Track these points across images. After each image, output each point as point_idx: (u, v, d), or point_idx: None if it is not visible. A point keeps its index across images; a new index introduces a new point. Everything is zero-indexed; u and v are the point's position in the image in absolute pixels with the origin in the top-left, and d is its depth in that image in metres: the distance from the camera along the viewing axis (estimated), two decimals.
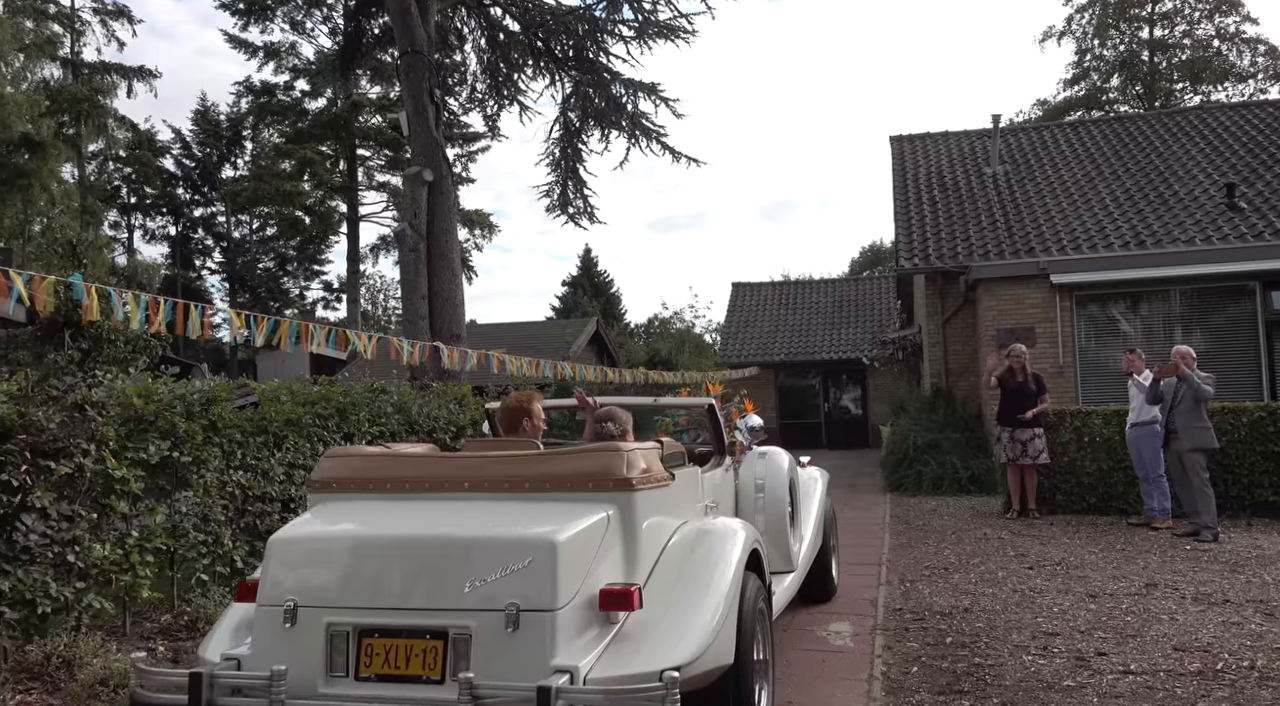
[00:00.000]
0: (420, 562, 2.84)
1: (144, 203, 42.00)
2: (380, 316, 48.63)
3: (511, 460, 3.26)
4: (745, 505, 4.91)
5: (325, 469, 3.47)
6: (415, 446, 3.90)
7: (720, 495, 4.51)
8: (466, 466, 3.31)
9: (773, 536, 4.81)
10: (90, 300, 4.38)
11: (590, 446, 3.38)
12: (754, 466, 5.05)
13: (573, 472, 3.14)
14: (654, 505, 3.23)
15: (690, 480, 3.86)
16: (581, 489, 3.10)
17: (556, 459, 3.26)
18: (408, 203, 13.07)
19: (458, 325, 12.81)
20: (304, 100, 36.45)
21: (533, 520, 2.92)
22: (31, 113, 30.23)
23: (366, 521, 3.15)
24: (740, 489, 4.95)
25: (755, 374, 24.04)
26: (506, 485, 3.16)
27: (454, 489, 3.24)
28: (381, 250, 40.62)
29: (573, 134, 15.88)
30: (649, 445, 3.45)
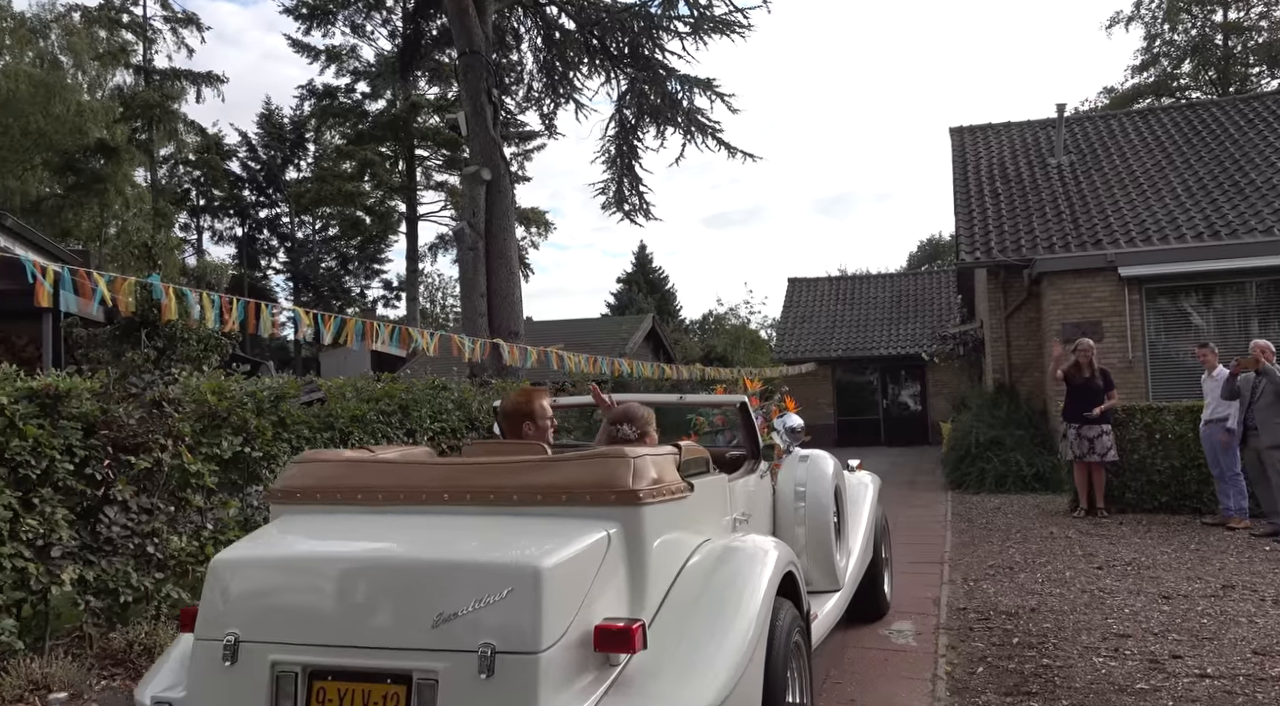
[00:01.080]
0: (382, 591, 2.40)
1: (212, 205, 43.20)
2: (439, 314, 49.36)
3: (500, 468, 2.80)
4: (784, 516, 4.40)
5: (288, 476, 2.99)
6: (406, 449, 3.42)
7: (754, 505, 4.03)
8: (448, 475, 2.83)
9: (815, 551, 4.34)
10: (168, 300, 4.54)
11: (590, 452, 2.84)
12: (794, 472, 4.51)
13: (568, 483, 2.66)
14: (667, 521, 2.77)
15: (714, 490, 3.39)
16: (578, 502, 2.63)
17: (550, 467, 2.76)
18: (466, 202, 13.25)
19: (515, 322, 12.95)
20: (364, 102, 37.14)
21: (516, 541, 2.47)
22: (106, 119, 31.38)
23: (326, 539, 2.73)
24: (778, 498, 4.44)
25: (812, 370, 23.84)
26: (491, 497, 2.71)
27: (433, 501, 2.77)
28: (440, 249, 41.21)
29: (628, 131, 15.93)
30: (662, 450, 2.98)
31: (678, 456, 3.01)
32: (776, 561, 2.99)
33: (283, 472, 3.05)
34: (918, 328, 25.13)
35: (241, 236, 45.32)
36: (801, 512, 4.41)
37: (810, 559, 4.29)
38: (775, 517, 4.38)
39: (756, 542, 3.13)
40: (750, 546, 3.07)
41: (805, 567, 4.03)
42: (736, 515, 3.62)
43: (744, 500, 3.81)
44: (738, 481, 3.80)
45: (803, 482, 4.48)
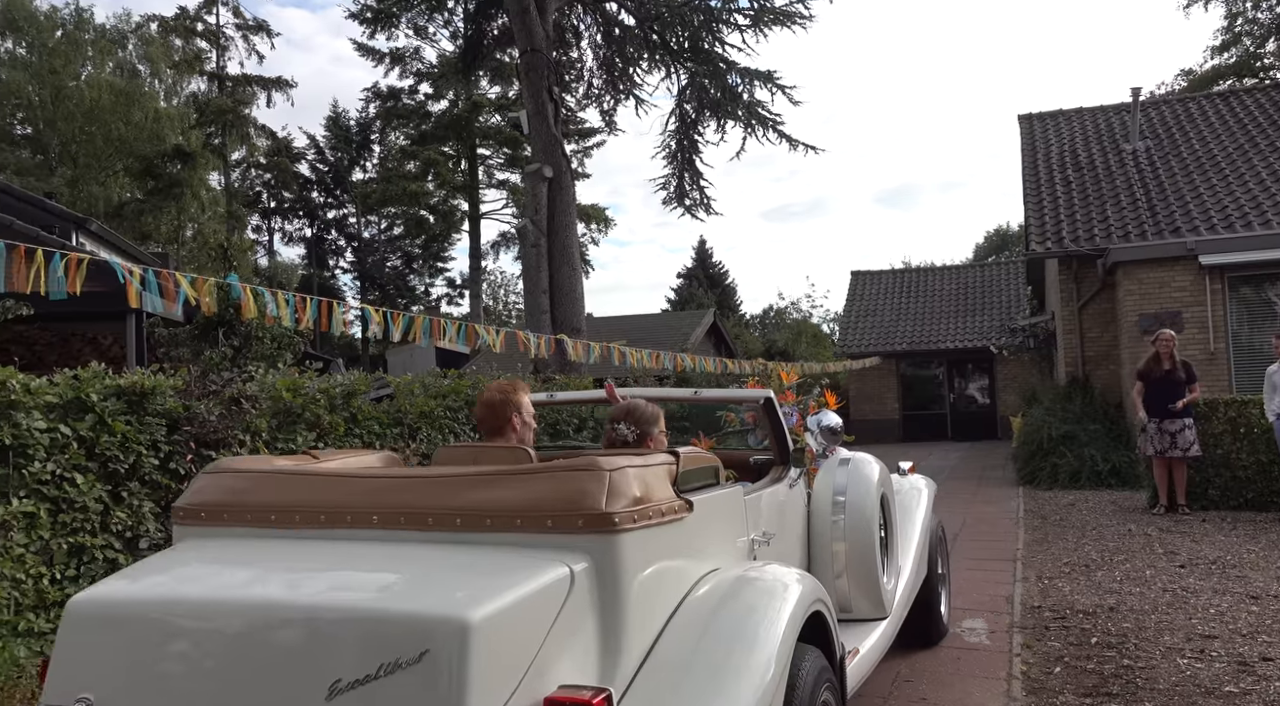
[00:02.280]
0: (268, 649, 1.87)
1: (282, 207, 44.32)
2: (501, 311, 49.94)
3: (444, 484, 2.28)
4: (819, 531, 3.76)
5: (194, 489, 2.48)
6: (362, 456, 2.91)
7: (783, 521, 3.45)
8: (381, 492, 2.32)
9: (857, 572, 3.69)
10: (246, 299, 4.68)
11: (555, 464, 2.26)
12: (831, 478, 3.84)
13: (523, 504, 2.13)
14: (655, 550, 2.24)
15: (725, 507, 2.81)
16: (536, 529, 2.10)
17: (504, 482, 2.22)
18: (528, 199, 13.37)
19: (578, 318, 13.04)
20: (427, 103, 37.70)
21: (447, 581, 1.95)
22: (182, 125, 32.46)
23: (214, 576, 2.15)
24: (813, 510, 3.80)
25: (876, 364, 23.52)
26: (430, 521, 2.18)
27: (359, 524, 2.26)
28: (502, 246, 41.63)
29: (689, 125, 15.89)
30: (654, 458, 2.43)
31: (674, 466, 2.46)
32: (800, 598, 2.48)
33: (190, 485, 2.52)
34: (985, 320, 24.60)
35: (310, 237, 46.41)
36: (840, 527, 3.72)
37: (851, 582, 3.68)
38: (809, 534, 3.76)
39: (776, 574, 2.61)
40: (768, 579, 2.55)
41: (845, 592, 3.64)
42: (756, 535, 3.04)
43: (768, 515, 3.25)
44: (761, 493, 3.26)
45: (842, 491, 3.80)
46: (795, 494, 3.64)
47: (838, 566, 3.70)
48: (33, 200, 16.08)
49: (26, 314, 9.03)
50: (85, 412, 4.57)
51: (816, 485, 3.85)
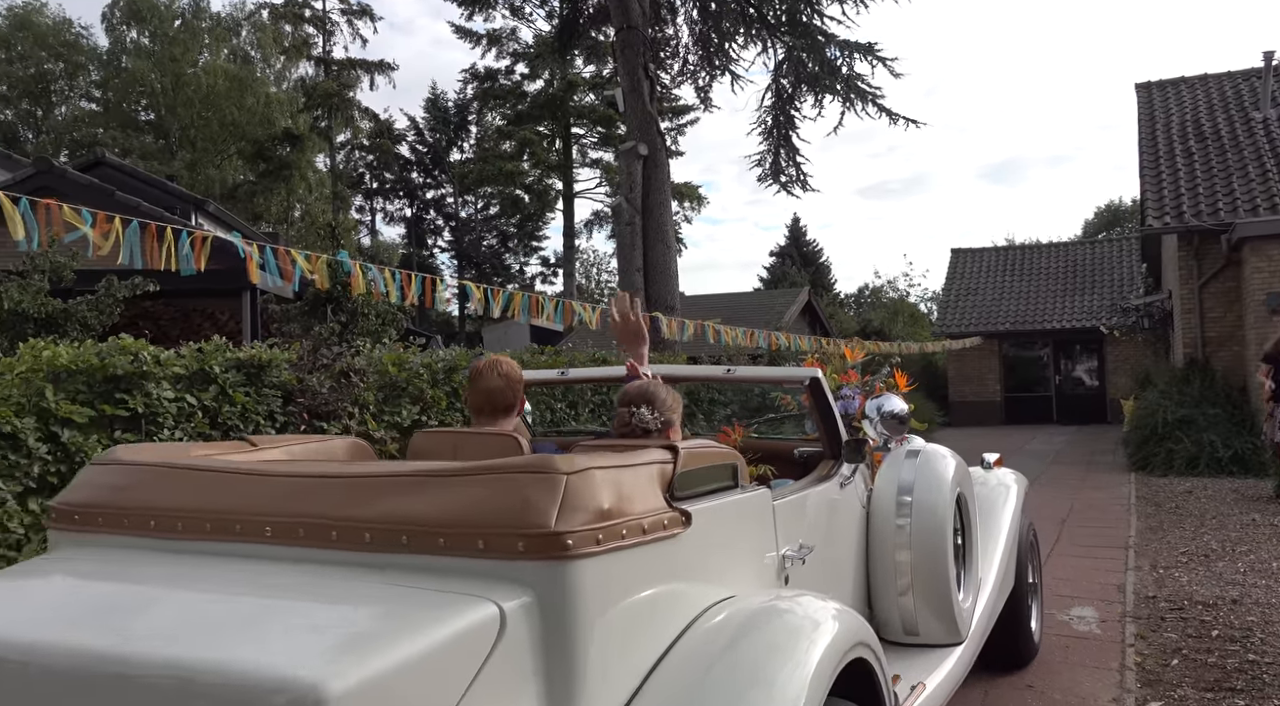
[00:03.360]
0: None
1: (384, 187, 45.59)
2: (593, 289, 50.39)
3: (358, 485, 1.82)
4: (880, 539, 3.16)
5: (75, 485, 2.08)
6: (314, 443, 2.55)
7: (831, 526, 2.91)
8: (279, 494, 1.86)
9: (927, 589, 3.09)
10: (356, 274, 4.84)
11: (494, 465, 1.77)
12: (896, 474, 3.24)
13: (451, 516, 1.66)
14: (631, 578, 1.77)
15: (743, 517, 2.31)
16: (464, 549, 1.63)
17: (430, 486, 1.75)
18: (623, 177, 13.41)
19: (671, 296, 13.04)
20: (523, 83, 38.14)
21: (323, 623, 1.52)
22: (291, 109, 33.71)
23: (44, 605, 1.73)
24: (873, 512, 3.20)
25: (977, 344, 22.83)
26: (334, 534, 1.73)
27: (250, 535, 1.82)
28: (595, 225, 41.98)
29: (785, 101, 15.63)
30: (636, 458, 1.93)
31: (670, 466, 1.97)
32: (835, 640, 1.96)
33: (73, 481, 2.12)
34: (1095, 299, 23.56)
35: (410, 217, 47.67)
36: (906, 532, 3.12)
37: (919, 600, 3.08)
38: (868, 543, 3.19)
39: (806, 607, 2.07)
40: (795, 613, 2.02)
41: (911, 613, 3.09)
42: (789, 550, 2.50)
43: (810, 523, 2.74)
44: (801, 495, 2.72)
45: (909, 489, 3.19)
46: (849, 494, 3.06)
47: (902, 581, 3.10)
48: (156, 182, 16.95)
49: (153, 290, 9.55)
50: (209, 384, 4.81)
51: (878, 482, 3.26)
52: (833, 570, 2.87)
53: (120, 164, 17.64)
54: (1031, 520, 4.39)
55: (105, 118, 33.68)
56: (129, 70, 33.14)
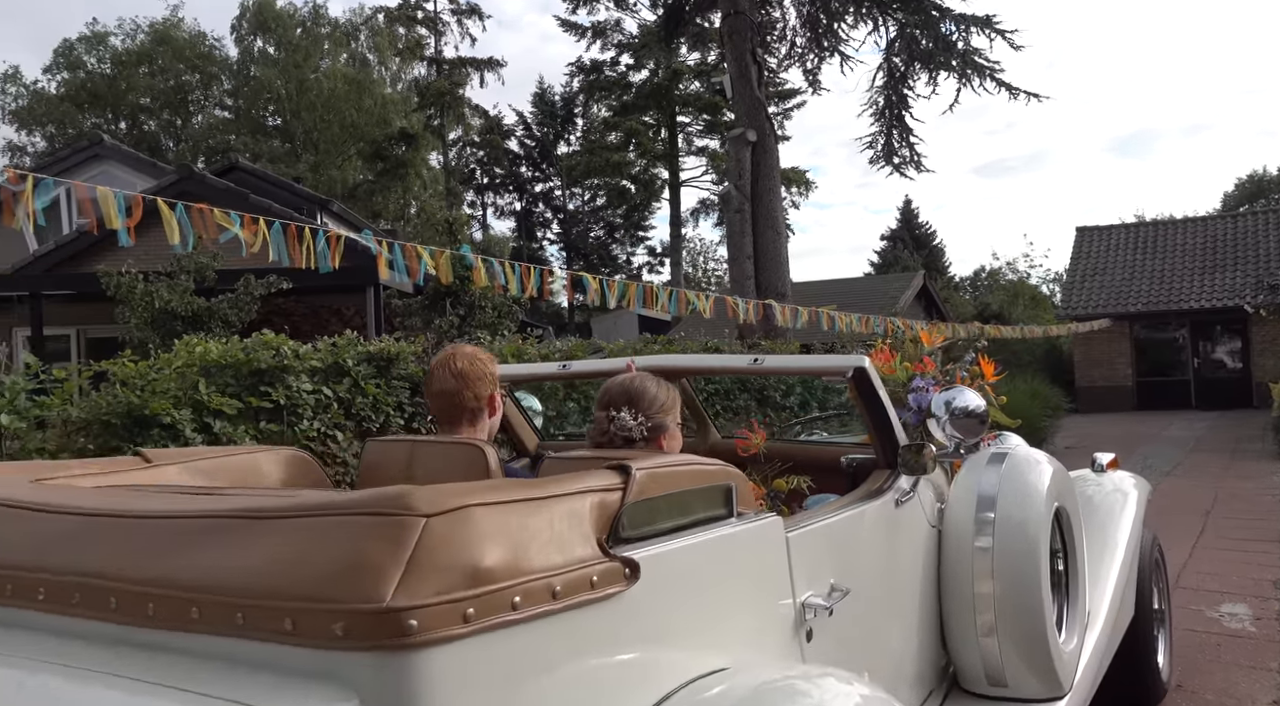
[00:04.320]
0: None
1: (494, 182, 46.66)
2: (700, 278, 50.33)
3: (148, 529, 1.35)
4: (955, 567, 2.57)
5: None
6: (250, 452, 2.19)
7: (886, 556, 2.39)
8: (52, 541, 1.39)
9: (1015, 629, 2.50)
10: (478, 268, 5.00)
11: (332, 503, 1.28)
12: (974, 485, 2.63)
13: (254, 582, 1.18)
14: (527, 670, 1.28)
15: (737, 558, 1.78)
16: (269, 630, 1.15)
17: (237, 534, 1.27)
18: (732, 164, 13.33)
19: (783, 283, 12.91)
20: (628, 74, 38.34)
21: None
22: (405, 109, 34.88)
23: None
24: (946, 532, 2.61)
25: (1106, 327, 21.74)
26: (112, 602, 1.27)
27: (21, 597, 1.37)
28: (701, 214, 41.88)
29: (897, 80, 15.22)
30: (556, 487, 1.44)
31: (617, 494, 1.47)
32: None
33: None
34: (1237, 276, 22.08)
35: (520, 210, 48.65)
36: (988, 558, 2.52)
37: (1007, 643, 2.50)
38: (940, 573, 2.60)
39: (824, 694, 1.58)
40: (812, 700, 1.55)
41: (996, 659, 2.51)
42: (813, 596, 1.95)
43: (850, 554, 2.21)
44: (835, 520, 2.18)
45: (990, 503, 2.57)
46: (910, 513, 2.48)
47: (984, 618, 2.50)
48: (285, 185, 17.83)
49: (286, 288, 10.06)
50: (343, 376, 5.04)
51: (953, 494, 2.67)
52: (885, 613, 2.33)
53: (252, 168, 18.63)
54: (1155, 533, 3.65)
55: (236, 124, 35.62)
56: (257, 78, 34.93)
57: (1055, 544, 2.72)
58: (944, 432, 2.77)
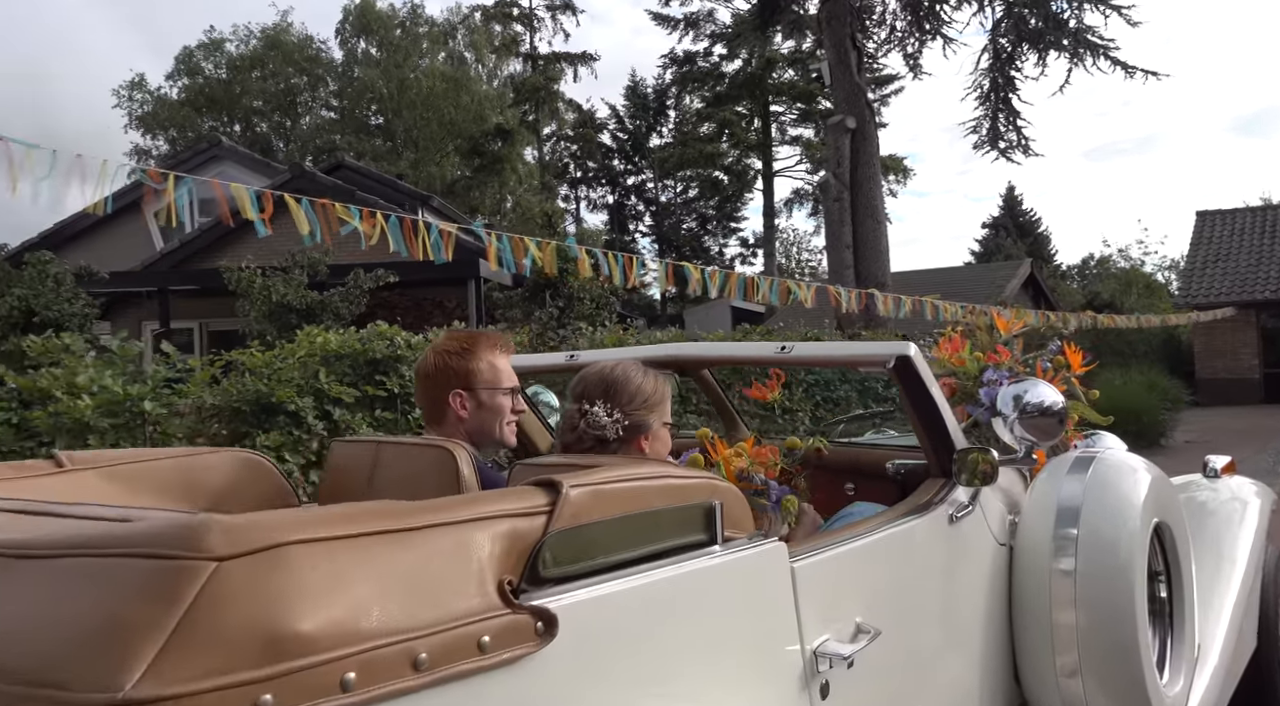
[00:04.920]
0: None
1: (587, 176, 47.11)
2: (793, 269, 49.79)
3: None
4: (1029, 592, 2.19)
5: None
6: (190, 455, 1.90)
7: (936, 584, 2.05)
8: None
9: (1103, 667, 2.11)
10: (582, 259, 5.07)
11: (90, 538, 0.97)
12: (1053, 495, 2.23)
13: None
14: None
15: (719, 596, 1.46)
16: None
17: None
18: (830, 153, 13.13)
19: (883, 273, 12.67)
20: (721, 64, 38.17)
21: None
22: (501, 105, 35.53)
23: None
24: (1019, 552, 2.23)
25: (1230, 316, 20.58)
26: None
27: None
28: (795, 204, 41.47)
29: (1003, 62, 14.71)
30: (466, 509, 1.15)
31: (539, 518, 1.18)
32: None
33: None
34: None
35: (612, 204, 48.97)
36: (1069, 583, 2.12)
37: (1095, 684, 2.10)
38: (1012, 597, 2.22)
39: None
40: None
41: (1079, 703, 2.12)
42: (832, 642, 1.63)
43: (886, 585, 1.88)
44: (861, 544, 1.82)
45: (1073, 517, 2.17)
46: (970, 530, 2.10)
47: (1066, 657, 2.10)
48: (388, 181, 18.39)
49: (393, 282, 10.39)
50: None
51: (1028, 507, 2.29)
52: (934, 654, 1.98)
53: (357, 166, 19.27)
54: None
55: (341, 124, 36.90)
56: (360, 79, 36.10)
57: (1155, 565, 2.34)
58: (1012, 434, 2.34)
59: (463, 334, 2.11)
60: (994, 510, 2.22)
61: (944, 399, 2.18)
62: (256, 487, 1.86)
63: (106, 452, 1.87)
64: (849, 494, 2.52)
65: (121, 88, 35.55)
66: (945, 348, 2.81)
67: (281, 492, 1.89)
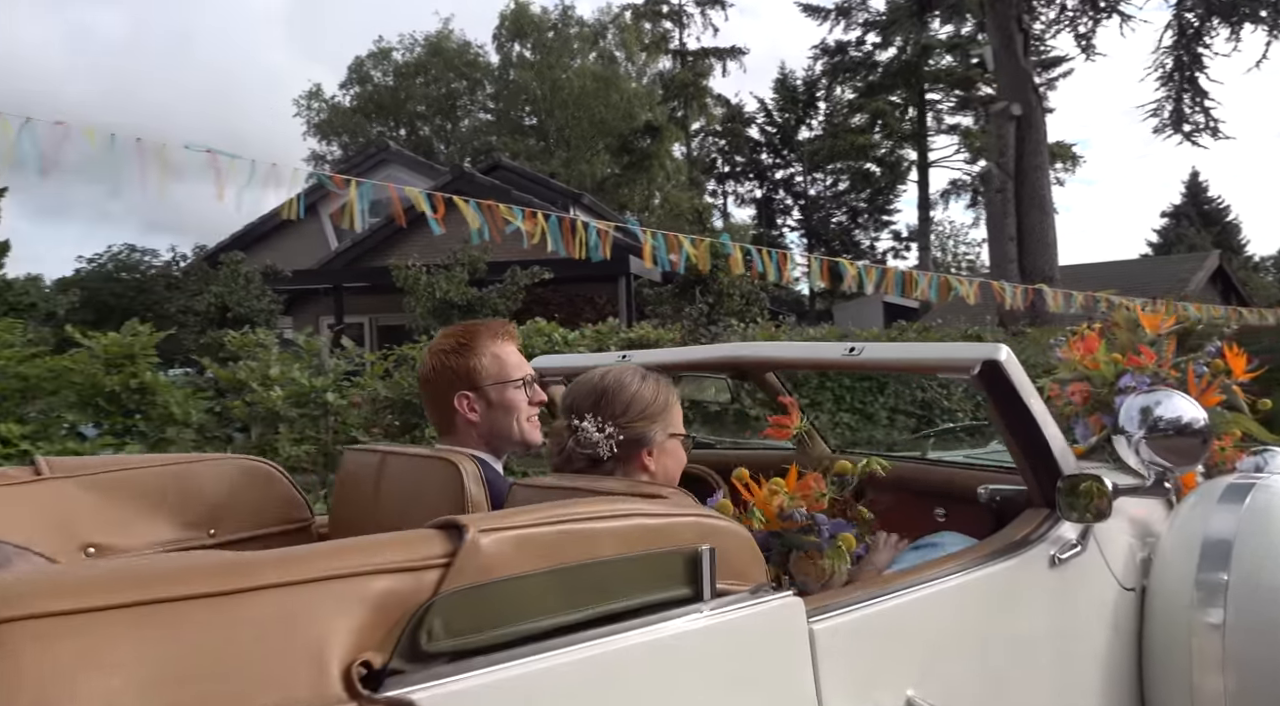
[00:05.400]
0: None
1: (735, 171, 46.92)
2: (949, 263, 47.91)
3: None
4: (1163, 651, 1.83)
5: None
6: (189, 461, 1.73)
7: (1041, 635, 1.73)
8: None
9: None
10: (735, 255, 5.06)
11: None
12: (1198, 531, 1.86)
13: None
14: None
15: (696, 671, 1.15)
16: None
17: None
18: (993, 141, 12.55)
19: (1050, 267, 12.01)
20: (874, 53, 37.17)
21: None
22: (650, 102, 35.92)
23: None
24: (1153, 599, 1.88)
25: None
26: None
27: None
28: (951, 195, 39.91)
29: (1190, 38, 13.61)
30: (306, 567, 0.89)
31: (440, 570, 0.96)
32: None
33: None
34: None
35: (760, 198, 48.55)
36: (1216, 641, 1.75)
37: None
38: (1141, 653, 1.86)
39: None
40: None
41: None
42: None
43: (950, 647, 1.55)
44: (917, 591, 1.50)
45: (1223, 559, 1.80)
46: (1079, 573, 1.75)
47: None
48: (541, 180, 18.94)
49: (547, 278, 10.68)
50: None
51: (1165, 542, 1.91)
52: None
53: (513, 166, 19.93)
54: None
55: (497, 126, 38.28)
56: (515, 81, 37.32)
57: None
58: (1138, 456, 1.93)
59: (458, 328, 1.89)
60: (1119, 545, 1.83)
61: (1047, 413, 1.78)
62: (259, 497, 1.69)
63: (91, 460, 1.66)
64: (939, 520, 2.14)
65: (300, 98, 38.17)
66: (1077, 347, 2.45)
67: (290, 503, 1.71)
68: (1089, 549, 1.77)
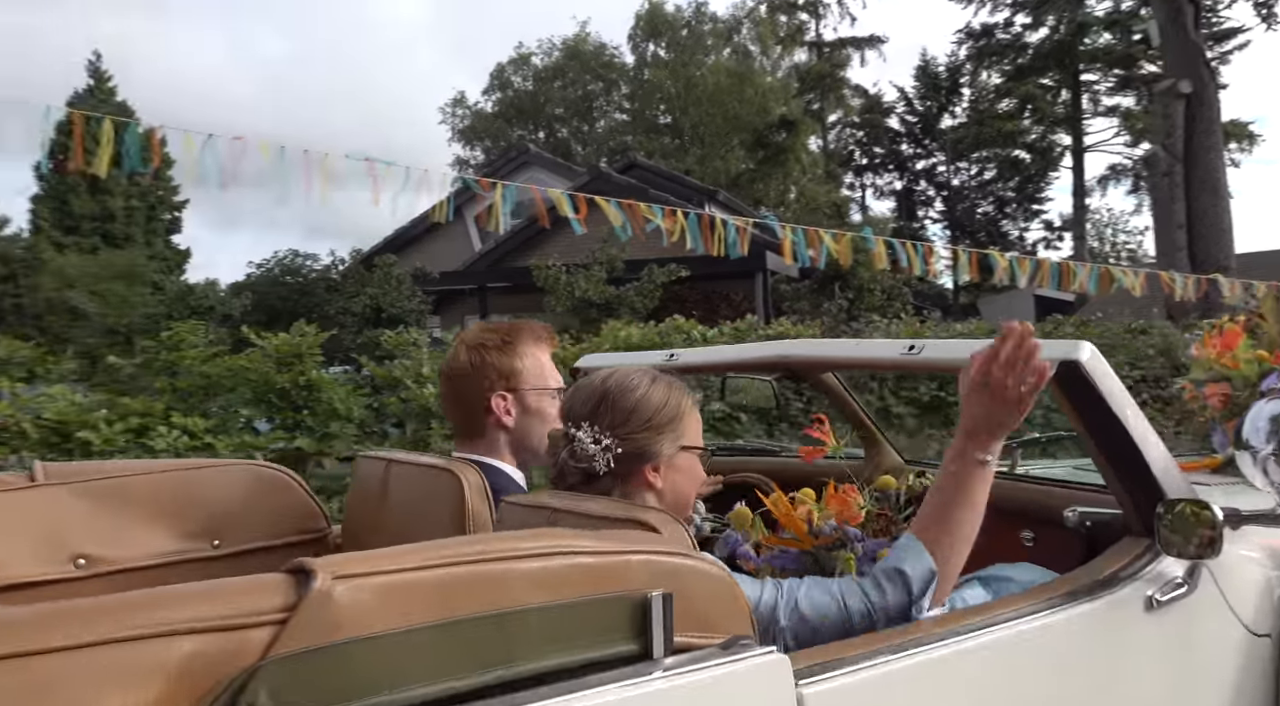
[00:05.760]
0: None
1: (873, 162, 45.73)
2: (1108, 252, 45.14)
3: None
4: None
5: None
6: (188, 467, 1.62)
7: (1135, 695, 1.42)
8: None
9: None
10: (878, 249, 4.94)
11: None
12: None
13: None
14: None
15: None
16: None
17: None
18: (1158, 122, 11.73)
19: (1226, 255, 11.12)
20: (1023, 35, 35.46)
21: None
22: (785, 96, 35.50)
23: None
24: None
25: None
26: None
27: None
28: (1110, 181, 37.60)
29: None
30: (89, 628, 0.70)
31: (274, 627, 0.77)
32: None
33: None
34: None
35: (900, 190, 47.11)
36: None
37: None
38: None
39: None
40: None
41: None
42: None
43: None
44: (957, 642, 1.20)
45: None
46: (1187, 618, 1.46)
47: None
48: (676, 178, 19.03)
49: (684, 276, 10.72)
50: None
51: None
52: None
53: (648, 164, 20.12)
54: None
55: (633, 125, 38.71)
56: (649, 80, 37.64)
57: None
58: (1266, 476, 1.63)
59: (500, 325, 1.78)
60: (1245, 581, 1.52)
61: (1146, 424, 1.47)
62: (272, 506, 1.59)
63: (88, 465, 1.57)
64: (1026, 547, 1.86)
65: (445, 105, 39.75)
66: (1212, 343, 2.14)
67: (306, 513, 1.61)
68: (1201, 587, 1.46)
